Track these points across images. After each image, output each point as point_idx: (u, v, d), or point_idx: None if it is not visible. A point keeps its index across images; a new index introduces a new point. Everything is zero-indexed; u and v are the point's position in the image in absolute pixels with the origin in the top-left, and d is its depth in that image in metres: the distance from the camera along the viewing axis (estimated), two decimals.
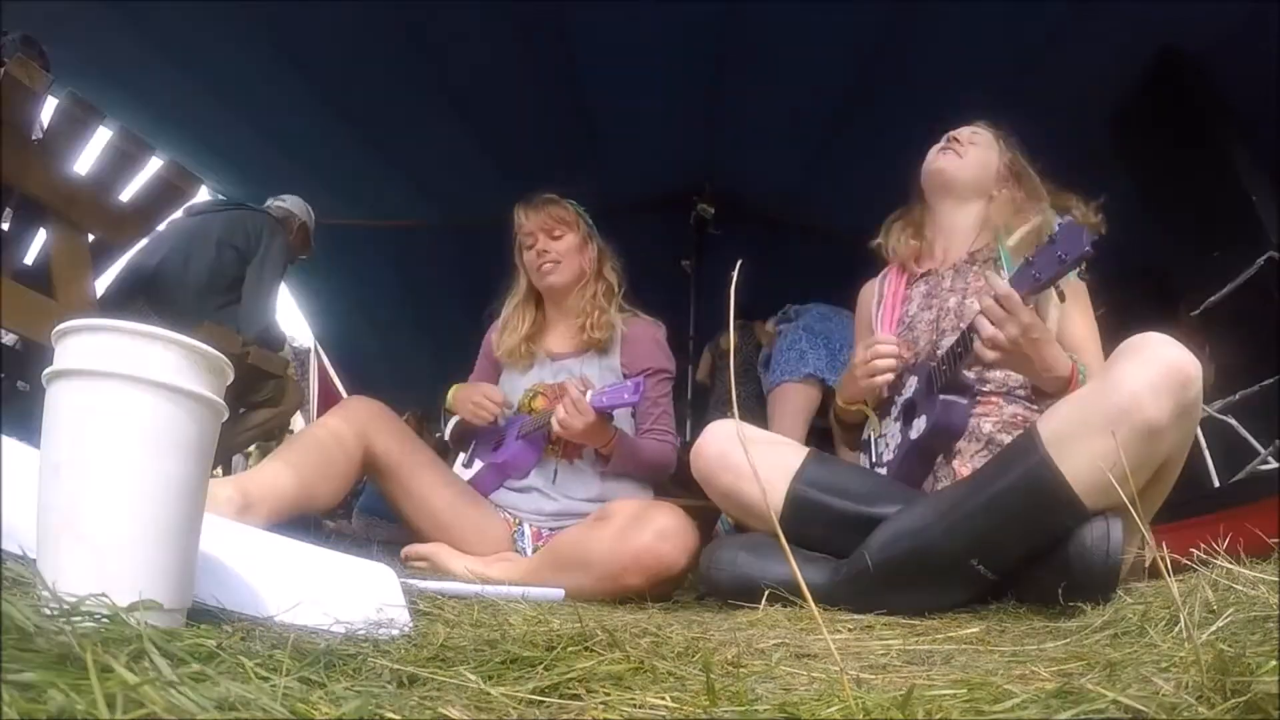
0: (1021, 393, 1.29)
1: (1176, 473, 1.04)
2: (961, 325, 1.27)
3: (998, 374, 1.30)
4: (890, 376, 1.29)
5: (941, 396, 1.22)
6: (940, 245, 1.50)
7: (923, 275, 1.48)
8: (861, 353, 1.33)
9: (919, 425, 1.25)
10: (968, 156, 1.49)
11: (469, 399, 1.75)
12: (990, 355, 1.11)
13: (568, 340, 1.84)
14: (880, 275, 1.58)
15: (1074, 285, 1.29)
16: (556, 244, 1.81)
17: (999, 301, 1.10)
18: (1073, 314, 1.30)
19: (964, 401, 1.23)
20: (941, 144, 1.52)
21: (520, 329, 1.84)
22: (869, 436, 1.40)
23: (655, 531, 1.29)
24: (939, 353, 1.29)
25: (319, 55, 3.02)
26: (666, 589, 1.33)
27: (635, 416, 1.76)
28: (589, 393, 1.54)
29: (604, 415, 1.55)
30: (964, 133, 1.52)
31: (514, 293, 1.92)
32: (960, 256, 1.45)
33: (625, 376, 1.73)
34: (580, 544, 1.35)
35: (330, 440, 1.44)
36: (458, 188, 3.89)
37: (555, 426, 1.56)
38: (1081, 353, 1.27)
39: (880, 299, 1.52)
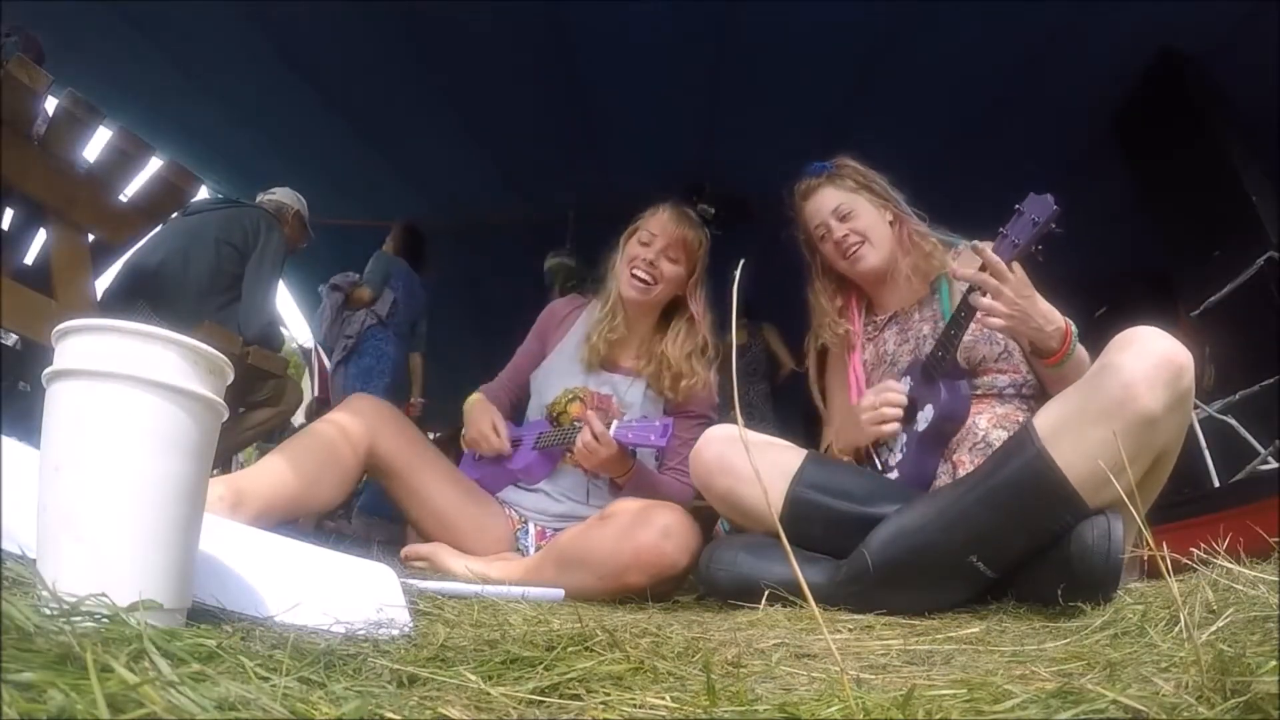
0: (1010, 391, 1.31)
1: (1171, 464, 1.04)
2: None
3: (985, 377, 1.32)
4: (898, 427, 1.29)
5: (943, 381, 1.25)
6: (887, 294, 1.50)
7: (890, 319, 1.48)
8: (871, 399, 1.30)
9: (924, 416, 1.26)
10: (869, 236, 1.44)
11: (478, 423, 1.69)
12: (995, 323, 1.14)
13: (631, 357, 1.74)
14: (830, 368, 1.57)
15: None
16: (666, 266, 1.68)
17: (990, 269, 1.12)
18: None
19: (964, 382, 1.27)
20: (839, 250, 1.45)
21: (608, 334, 1.69)
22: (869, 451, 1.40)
23: (658, 530, 1.28)
24: (932, 343, 1.30)
25: (319, 55, 3.02)
26: (668, 588, 1.33)
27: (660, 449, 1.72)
28: (614, 424, 1.50)
29: (625, 449, 1.52)
30: (836, 231, 1.45)
31: (611, 281, 1.75)
32: (918, 293, 1.46)
33: (665, 411, 1.69)
34: (582, 542, 1.34)
35: (336, 437, 1.41)
36: (458, 188, 3.89)
37: (575, 449, 1.53)
38: None
39: (849, 376, 1.51)
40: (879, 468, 1.35)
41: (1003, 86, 2.89)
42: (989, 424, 1.27)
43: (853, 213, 1.46)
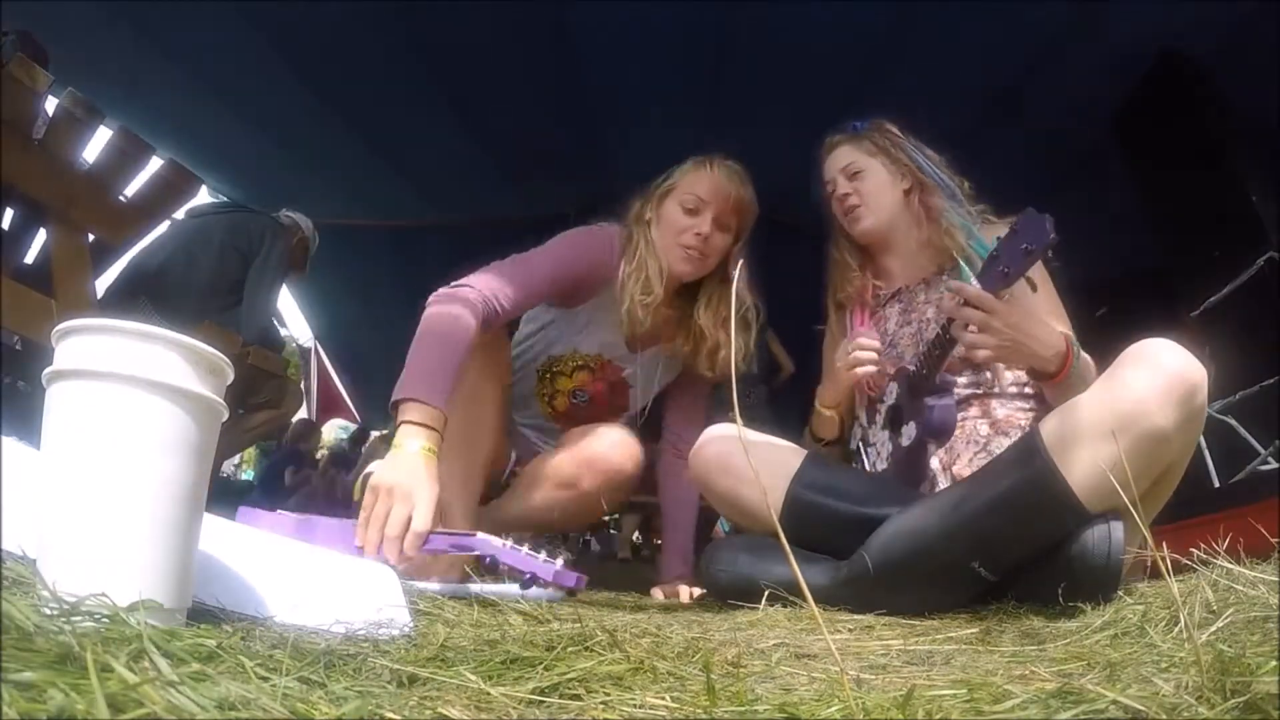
0: (1013, 390, 1.29)
1: (1179, 478, 1.03)
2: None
3: (986, 375, 1.29)
4: (872, 369, 1.28)
5: (927, 400, 1.21)
6: (894, 264, 1.47)
7: (893, 295, 1.46)
8: (844, 346, 1.33)
9: (908, 432, 1.25)
10: (870, 200, 1.42)
11: (381, 521, 1.02)
12: (982, 354, 1.09)
13: (664, 334, 1.58)
14: (836, 324, 1.54)
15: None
16: (719, 238, 1.49)
17: (974, 304, 1.07)
18: (1040, 298, 1.25)
19: (949, 402, 1.22)
20: (840, 207, 1.44)
21: (648, 301, 1.44)
22: (857, 446, 1.39)
23: (606, 442, 1.45)
24: (919, 357, 1.28)
25: (319, 56, 3.02)
26: (618, 495, 1.52)
27: (668, 410, 1.69)
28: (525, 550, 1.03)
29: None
30: (841, 187, 1.43)
31: (643, 243, 1.48)
32: (926, 270, 1.42)
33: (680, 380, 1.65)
34: (542, 461, 1.49)
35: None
36: (458, 188, 3.89)
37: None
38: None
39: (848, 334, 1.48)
40: (865, 468, 1.35)
41: (1003, 87, 2.88)
42: (990, 429, 1.25)
43: (861, 173, 1.42)
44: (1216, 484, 2.24)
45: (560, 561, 1.01)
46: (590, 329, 1.56)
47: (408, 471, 1.06)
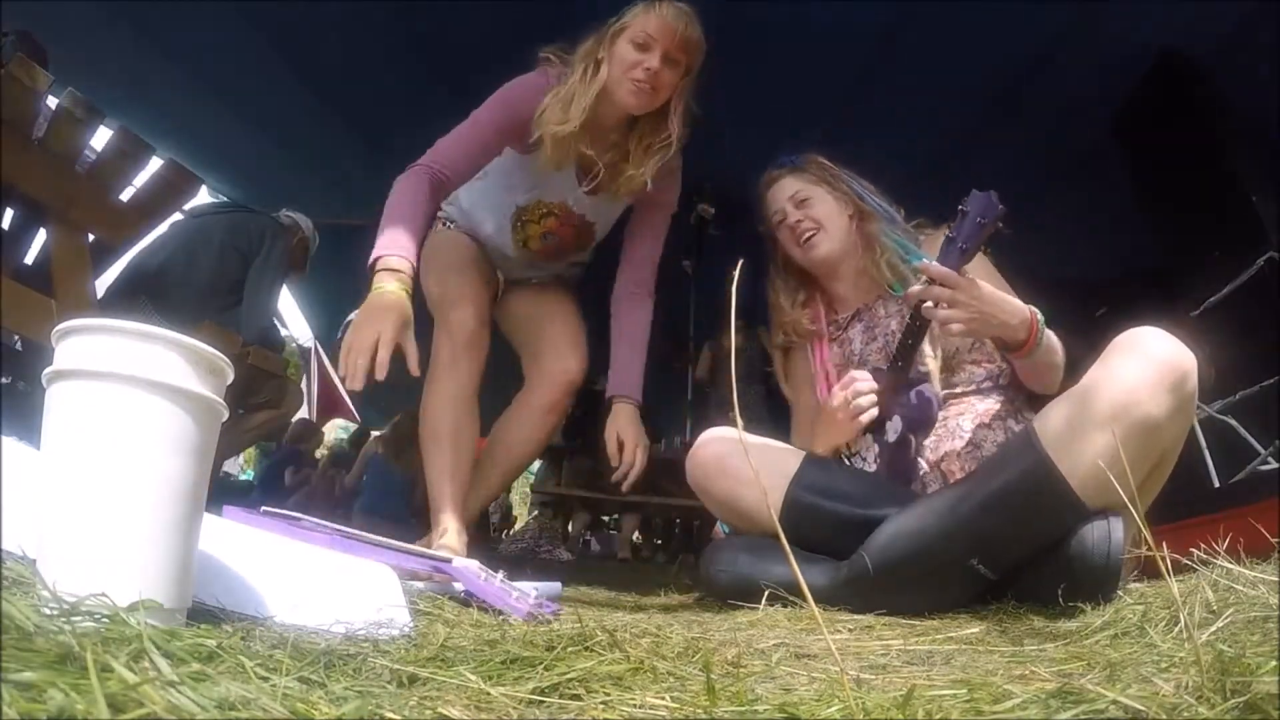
0: (989, 385, 1.30)
1: (1172, 465, 1.04)
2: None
3: (962, 372, 1.30)
4: (875, 413, 1.25)
5: (905, 391, 1.23)
6: (842, 289, 1.49)
7: (853, 316, 1.47)
8: (839, 394, 1.27)
9: (893, 427, 1.25)
10: (825, 224, 1.43)
11: (356, 346, 1.19)
12: (956, 328, 1.11)
13: (608, 173, 1.58)
14: (796, 360, 1.55)
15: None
16: (667, 74, 1.49)
17: (940, 281, 1.09)
18: (984, 279, 1.27)
19: (927, 392, 1.24)
20: (793, 235, 1.45)
21: (561, 131, 1.47)
22: (846, 457, 1.38)
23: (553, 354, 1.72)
24: (891, 352, 1.28)
25: (319, 55, 3.02)
26: (570, 392, 1.72)
27: (625, 244, 1.76)
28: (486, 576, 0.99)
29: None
30: (791, 216, 1.45)
31: (579, 75, 1.51)
32: (869, 295, 1.45)
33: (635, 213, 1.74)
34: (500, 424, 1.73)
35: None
36: None
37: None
38: None
39: (814, 369, 1.49)
40: None
41: (1003, 87, 2.88)
42: (973, 424, 1.25)
43: (809, 200, 1.45)
44: (1216, 484, 2.24)
45: (534, 594, 0.97)
46: (552, 178, 1.62)
47: (380, 306, 1.25)
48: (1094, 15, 2.50)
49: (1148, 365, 0.94)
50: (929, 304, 1.12)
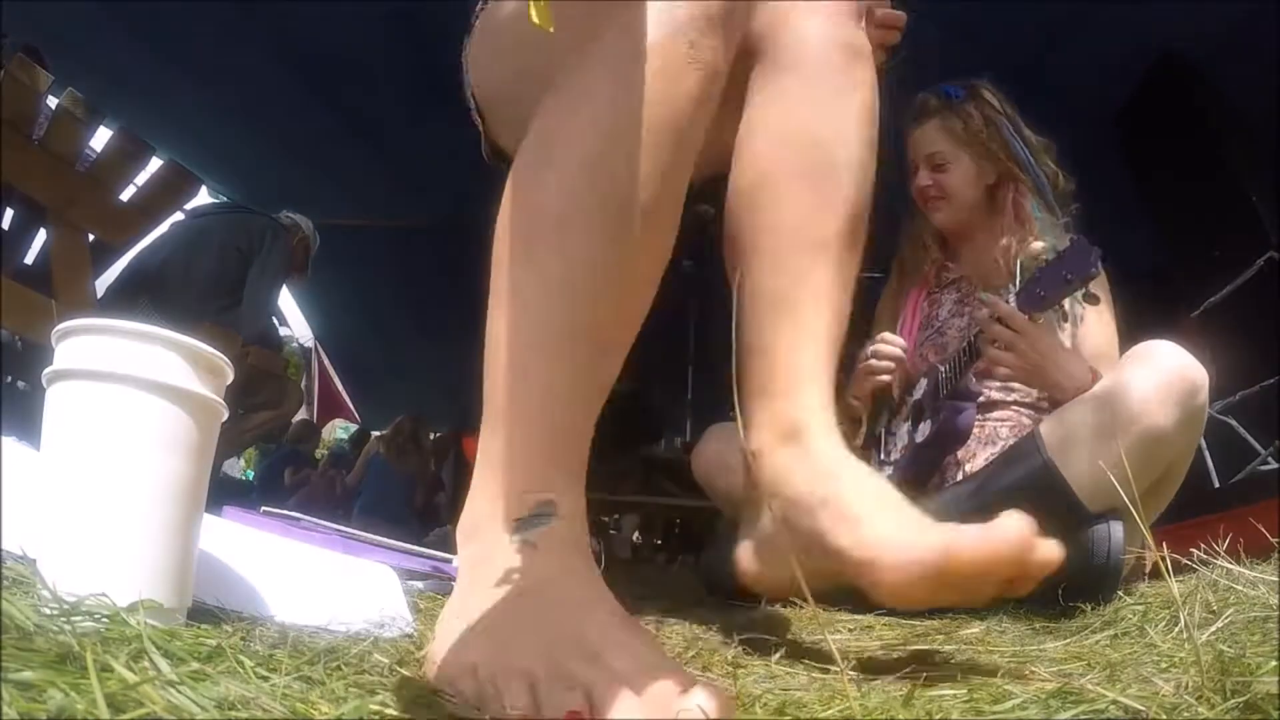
0: (1045, 405, 1.27)
1: (1181, 478, 1.04)
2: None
3: (1019, 387, 1.29)
4: (888, 379, 1.28)
5: (947, 404, 1.21)
6: (966, 251, 1.46)
7: (953, 281, 1.45)
8: (869, 347, 1.31)
9: (924, 429, 1.25)
10: (951, 196, 1.40)
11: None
12: (1003, 372, 1.11)
13: None
14: (895, 290, 1.53)
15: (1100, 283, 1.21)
16: None
17: (1004, 322, 1.07)
18: (1092, 324, 1.27)
19: (969, 406, 1.21)
20: (920, 195, 1.43)
21: None
22: (880, 431, 1.39)
23: None
24: (949, 359, 1.28)
25: (319, 55, 3.01)
26: None
27: None
28: None
29: None
30: (923, 178, 1.42)
31: None
32: (995, 272, 1.40)
33: None
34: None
35: None
36: (458, 188, 3.88)
37: None
38: (1098, 361, 1.21)
39: (902, 312, 1.48)
40: (882, 456, 1.34)
41: (1003, 87, 2.88)
42: (1010, 434, 1.25)
43: (946, 165, 1.40)
44: (1216, 484, 2.24)
45: None
46: None
47: None
48: (1094, 15, 2.50)
49: (1158, 376, 0.94)
50: (983, 336, 1.10)
